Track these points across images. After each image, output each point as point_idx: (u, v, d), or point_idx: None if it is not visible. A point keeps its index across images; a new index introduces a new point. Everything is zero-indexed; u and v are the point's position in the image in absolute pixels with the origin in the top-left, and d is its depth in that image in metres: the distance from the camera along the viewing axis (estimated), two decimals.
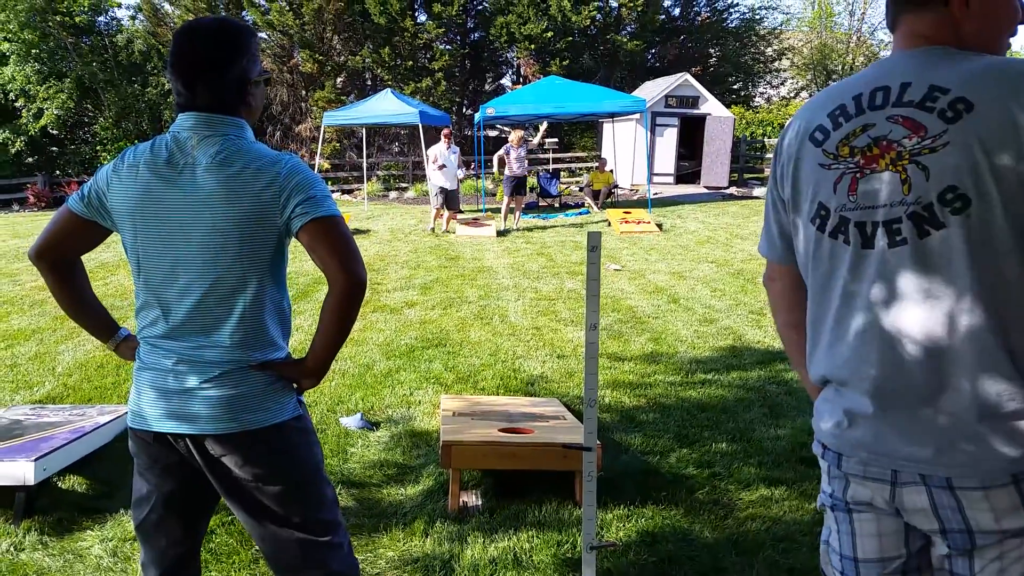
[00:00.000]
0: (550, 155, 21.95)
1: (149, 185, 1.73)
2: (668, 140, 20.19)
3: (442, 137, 12.89)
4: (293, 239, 1.82)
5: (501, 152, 13.41)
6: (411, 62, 24.23)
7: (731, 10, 29.52)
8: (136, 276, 1.81)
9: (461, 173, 13.01)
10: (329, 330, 1.77)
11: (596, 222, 14.08)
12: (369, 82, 25.87)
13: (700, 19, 28.64)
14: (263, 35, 24.70)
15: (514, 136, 13.29)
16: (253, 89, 1.83)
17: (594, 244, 2.19)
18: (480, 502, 3.43)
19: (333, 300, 1.73)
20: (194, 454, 1.80)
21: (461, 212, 15.17)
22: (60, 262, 1.89)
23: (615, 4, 26.29)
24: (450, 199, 12.81)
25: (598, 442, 2.48)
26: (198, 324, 1.76)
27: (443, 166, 12.47)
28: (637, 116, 17.62)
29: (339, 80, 25.06)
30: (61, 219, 1.85)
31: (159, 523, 1.90)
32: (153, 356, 1.80)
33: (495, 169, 13.41)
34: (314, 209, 1.71)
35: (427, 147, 13.97)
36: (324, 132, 18.36)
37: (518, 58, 25.79)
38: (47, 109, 21.19)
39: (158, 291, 1.77)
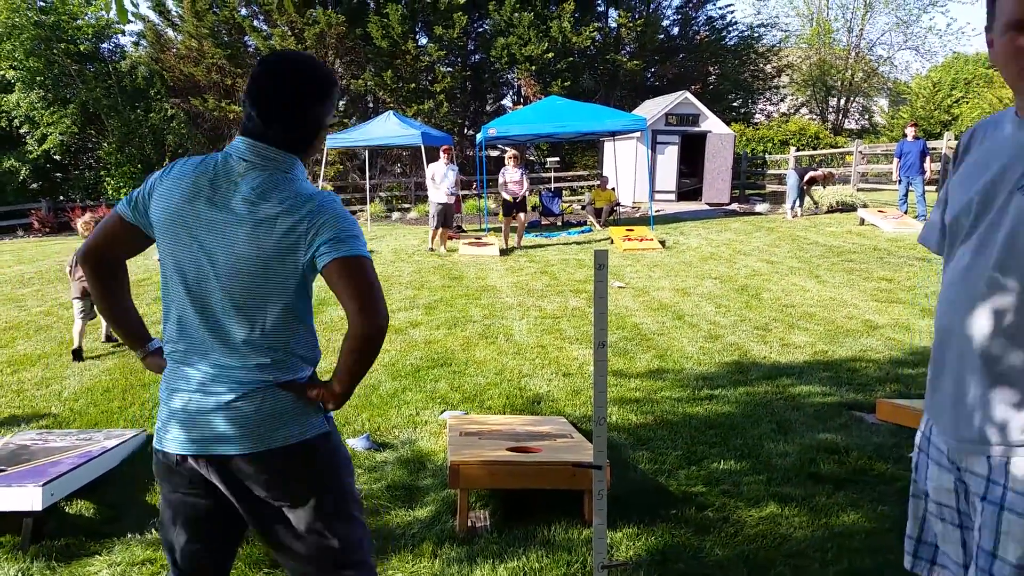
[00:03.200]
0: (552, 174, 22.03)
1: (190, 200, 1.75)
2: (669, 158, 20.26)
3: (441, 153, 13.07)
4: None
5: (501, 180, 13.46)
6: (413, 84, 24.40)
7: (729, 28, 29.76)
8: (165, 288, 1.83)
9: (451, 189, 12.94)
10: (349, 367, 1.78)
11: (599, 240, 14.10)
12: (371, 104, 26.04)
13: (699, 38, 28.85)
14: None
15: (508, 156, 13.41)
16: (323, 134, 1.86)
17: (601, 262, 2.19)
18: (488, 522, 3.42)
19: (351, 342, 1.74)
20: (217, 476, 1.79)
21: (463, 231, 15.21)
22: (104, 265, 1.91)
23: (614, 25, 26.53)
24: (446, 216, 12.94)
25: (607, 460, 2.47)
26: (225, 343, 1.76)
27: (452, 194, 12.71)
28: (638, 134, 17.69)
29: (341, 103, 25.22)
30: (109, 223, 1.88)
31: (184, 548, 1.88)
32: (178, 376, 1.81)
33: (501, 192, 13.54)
34: (337, 249, 1.71)
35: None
36: (327, 154, 18.44)
37: (519, 79, 25.97)
38: (51, 135, 21.35)
39: (187, 306, 1.78)
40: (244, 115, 1.81)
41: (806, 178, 15.80)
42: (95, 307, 1.66)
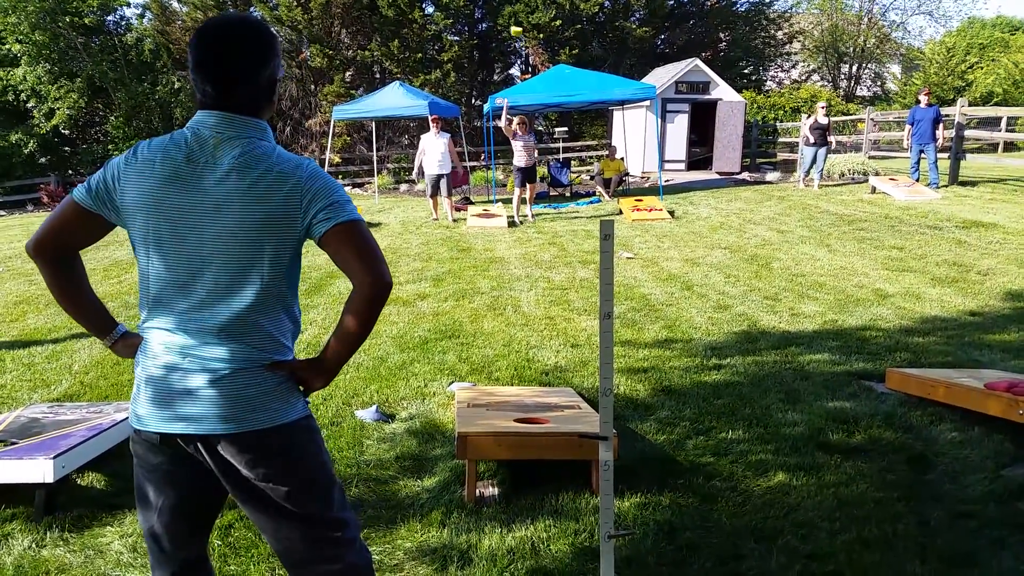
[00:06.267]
0: (560, 144, 21.87)
1: (166, 181, 1.71)
2: (679, 126, 20.05)
3: (431, 124, 13.01)
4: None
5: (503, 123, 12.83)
6: (420, 54, 24.17)
7: None
8: (144, 271, 1.79)
9: (441, 158, 12.84)
10: (351, 330, 1.76)
11: (608, 211, 14.03)
12: (378, 75, 25.83)
13: (709, 3, 28.40)
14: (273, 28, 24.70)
15: (516, 122, 12.88)
16: (278, 88, 1.84)
17: (607, 232, 2.17)
18: (496, 492, 3.43)
19: (359, 302, 1.73)
20: (203, 455, 1.78)
21: (471, 203, 15.14)
22: (60, 255, 1.85)
23: None
24: (440, 185, 12.92)
25: (614, 431, 2.47)
26: (208, 323, 1.73)
27: (449, 172, 12.75)
28: (647, 103, 17.51)
29: (348, 74, 25.04)
30: (64, 210, 1.81)
31: (166, 526, 1.89)
32: (159, 354, 1.77)
33: (502, 124, 12.87)
34: (337, 214, 1.71)
35: None
36: (334, 126, 18.36)
37: (527, 47, 25.68)
38: (58, 109, 21.30)
39: (168, 288, 1.75)
40: (198, 91, 1.76)
41: (810, 132, 15.04)
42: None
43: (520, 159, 12.74)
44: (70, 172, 22.68)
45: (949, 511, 3.14)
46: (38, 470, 3.20)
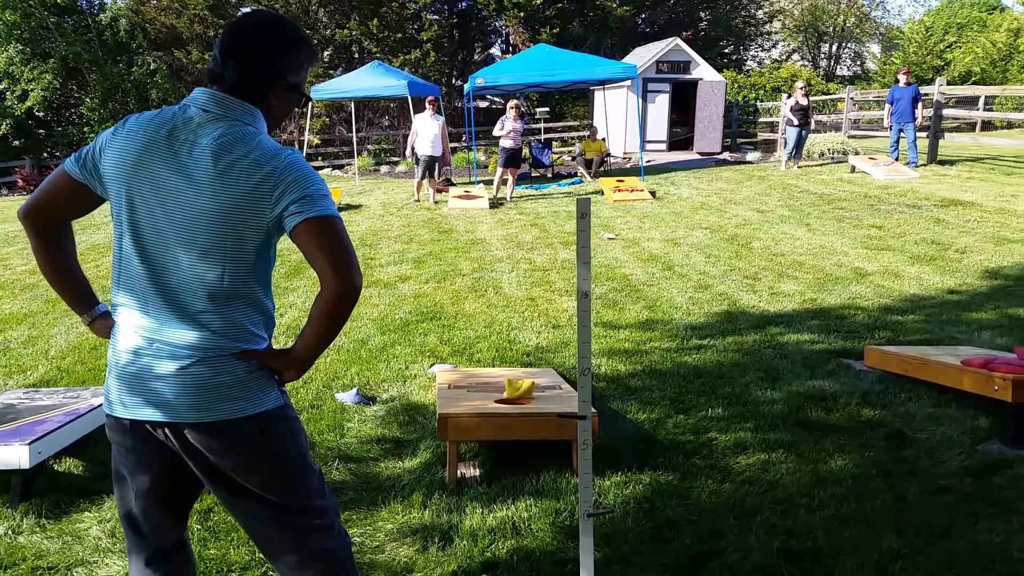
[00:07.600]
0: (542, 125, 21.79)
1: (144, 155, 1.68)
2: (660, 107, 20.03)
3: (426, 104, 12.99)
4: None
5: (499, 128, 13.00)
6: (399, 34, 23.95)
7: None
8: (117, 247, 1.75)
9: (435, 140, 12.86)
10: (318, 331, 1.72)
11: (589, 191, 14.01)
12: (357, 55, 25.60)
13: None
14: (247, 9, 24.36)
15: (510, 105, 13.06)
16: (281, 92, 1.78)
17: (584, 211, 2.15)
18: (477, 473, 3.43)
19: (324, 304, 1.67)
20: (172, 441, 1.75)
21: (452, 184, 15.07)
22: (48, 224, 1.83)
23: None
24: (432, 167, 12.88)
25: (593, 410, 2.47)
26: (177, 306, 1.69)
27: (440, 154, 12.75)
28: (628, 83, 17.46)
29: (326, 54, 24.79)
30: (55, 179, 1.79)
31: (142, 511, 1.86)
32: (128, 338, 1.74)
33: (495, 131, 13.14)
34: (309, 208, 1.65)
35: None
36: (312, 107, 18.17)
37: (507, 26, 25.52)
38: (32, 91, 20.91)
39: (137, 266, 1.71)
40: (211, 58, 1.77)
41: (792, 113, 14.89)
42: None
43: (508, 141, 12.78)
44: (45, 155, 22.32)
45: (926, 486, 3.18)
46: (14, 456, 3.17)
